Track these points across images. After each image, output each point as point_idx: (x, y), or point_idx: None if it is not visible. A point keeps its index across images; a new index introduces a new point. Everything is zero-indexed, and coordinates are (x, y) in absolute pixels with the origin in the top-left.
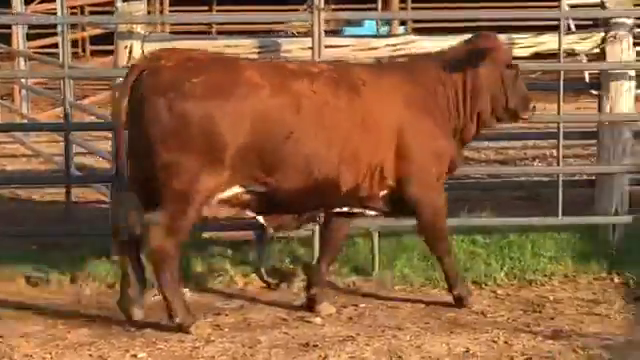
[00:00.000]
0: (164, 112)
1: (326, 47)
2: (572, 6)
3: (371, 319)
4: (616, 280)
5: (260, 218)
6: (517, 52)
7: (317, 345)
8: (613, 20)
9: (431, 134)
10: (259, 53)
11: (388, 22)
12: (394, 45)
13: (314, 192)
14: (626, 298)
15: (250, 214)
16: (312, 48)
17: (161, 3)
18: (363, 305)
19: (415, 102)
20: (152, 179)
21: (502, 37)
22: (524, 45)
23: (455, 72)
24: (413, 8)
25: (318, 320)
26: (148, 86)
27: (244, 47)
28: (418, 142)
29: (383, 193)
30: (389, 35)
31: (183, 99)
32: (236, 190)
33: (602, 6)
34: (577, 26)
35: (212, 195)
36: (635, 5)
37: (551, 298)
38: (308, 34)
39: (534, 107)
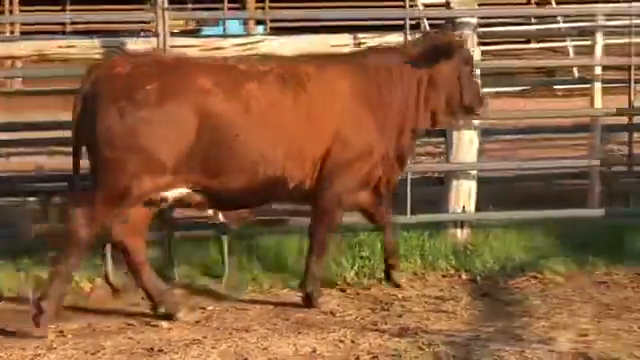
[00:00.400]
0: (116, 118)
1: (171, 47)
2: (426, 5)
3: (219, 322)
4: (464, 277)
5: (220, 216)
6: None
7: (162, 350)
8: (458, 20)
9: (366, 128)
10: (104, 53)
11: (245, 22)
12: (242, 45)
13: (261, 190)
14: (473, 294)
15: (210, 212)
16: (157, 48)
17: (10, 3)
18: (211, 308)
19: (359, 95)
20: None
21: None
22: (370, 45)
23: (412, 67)
24: (271, 8)
25: (165, 324)
26: (102, 91)
27: (89, 47)
28: (350, 135)
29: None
30: (237, 35)
31: (135, 107)
32: (183, 190)
33: (447, 6)
34: (431, 25)
35: (144, 197)
36: (479, 5)
37: (400, 296)
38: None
39: (487, 102)
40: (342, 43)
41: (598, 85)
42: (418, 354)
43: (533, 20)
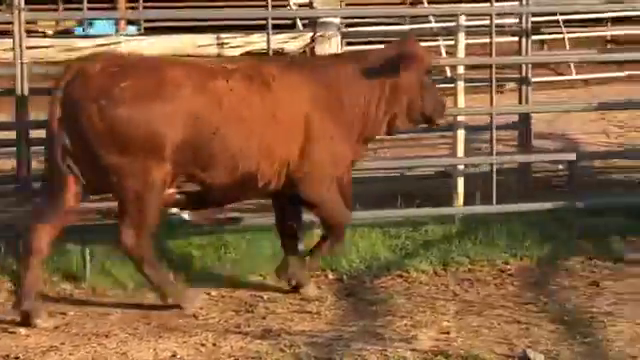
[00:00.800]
0: (98, 118)
1: (28, 48)
2: (300, 5)
3: (78, 327)
4: (330, 276)
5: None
6: (227, 52)
7: (19, 357)
8: (321, 20)
9: (331, 137)
10: None
11: (116, 22)
12: (104, 45)
13: (237, 186)
14: (338, 294)
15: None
16: (13, 49)
17: None
18: (72, 313)
19: (320, 101)
20: (99, 180)
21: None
22: (234, 45)
23: (374, 76)
24: (145, 8)
25: (23, 331)
26: (78, 92)
27: None
28: (317, 143)
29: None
30: (101, 35)
31: (114, 105)
32: (170, 190)
33: (310, 5)
34: (304, 25)
35: (164, 186)
36: (347, 5)
37: (265, 297)
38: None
39: (445, 110)
40: (207, 43)
41: (461, 84)
42: (279, 356)
43: (407, 20)
